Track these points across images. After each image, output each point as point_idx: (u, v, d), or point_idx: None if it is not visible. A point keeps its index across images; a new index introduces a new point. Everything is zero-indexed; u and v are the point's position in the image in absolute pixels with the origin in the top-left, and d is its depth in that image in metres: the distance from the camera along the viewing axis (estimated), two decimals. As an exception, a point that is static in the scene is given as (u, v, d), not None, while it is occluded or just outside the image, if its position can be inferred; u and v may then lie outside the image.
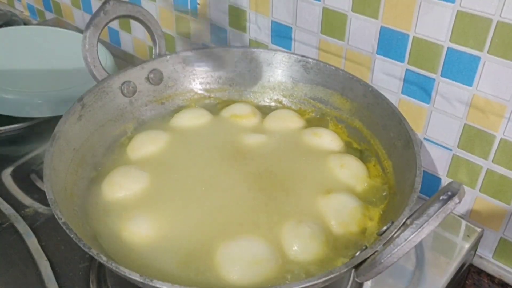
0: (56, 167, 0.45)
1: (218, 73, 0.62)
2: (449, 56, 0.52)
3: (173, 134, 0.56)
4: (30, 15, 1.09)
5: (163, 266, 0.42)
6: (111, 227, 0.46)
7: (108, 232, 0.45)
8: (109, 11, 0.52)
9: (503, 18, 0.47)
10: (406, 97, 0.57)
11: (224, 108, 0.61)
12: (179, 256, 0.43)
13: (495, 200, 0.55)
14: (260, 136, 0.56)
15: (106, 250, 0.43)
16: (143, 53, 0.88)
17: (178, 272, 0.42)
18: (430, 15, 0.51)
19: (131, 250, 0.44)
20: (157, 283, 0.35)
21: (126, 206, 0.47)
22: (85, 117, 0.51)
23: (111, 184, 0.49)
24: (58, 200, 0.41)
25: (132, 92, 0.57)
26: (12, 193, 0.57)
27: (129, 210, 0.47)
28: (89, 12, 0.94)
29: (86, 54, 0.52)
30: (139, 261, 0.43)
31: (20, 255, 0.50)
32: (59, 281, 0.47)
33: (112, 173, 0.50)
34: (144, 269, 0.42)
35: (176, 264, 0.42)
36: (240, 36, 0.71)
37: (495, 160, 0.53)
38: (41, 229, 0.53)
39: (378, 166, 0.52)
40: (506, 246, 0.57)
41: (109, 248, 0.44)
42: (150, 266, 0.42)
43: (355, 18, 0.57)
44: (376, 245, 0.37)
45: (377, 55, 0.58)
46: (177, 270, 0.42)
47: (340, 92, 0.58)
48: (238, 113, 0.59)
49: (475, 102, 0.52)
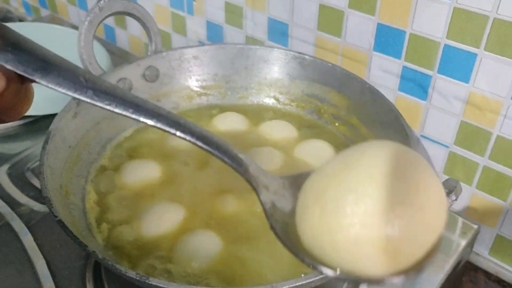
0: (52, 165, 0.45)
1: (214, 70, 0.62)
2: (446, 53, 0.52)
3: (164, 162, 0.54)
4: (25, 12, 1.09)
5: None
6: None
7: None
8: (105, 7, 0.52)
9: (499, 15, 0.47)
10: (403, 94, 0.57)
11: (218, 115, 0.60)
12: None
13: (491, 197, 0.55)
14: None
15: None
16: (139, 50, 0.88)
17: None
18: (427, 12, 0.51)
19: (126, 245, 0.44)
20: (153, 281, 0.35)
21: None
22: (81, 114, 0.51)
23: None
24: (53, 198, 0.41)
25: (127, 89, 0.57)
26: (7, 191, 0.57)
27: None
28: (84, 9, 0.94)
29: (81, 51, 0.51)
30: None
31: (16, 253, 0.50)
32: (55, 279, 0.47)
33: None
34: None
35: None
36: (236, 33, 0.71)
37: (492, 157, 0.53)
38: (37, 227, 0.52)
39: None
40: (503, 243, 0.57)
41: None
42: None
43: (352, 15, 0.57)
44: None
45: (374, 52, 0.57)
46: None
47: (337, 89, 0.57)
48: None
49: (471, 99, 0.52)
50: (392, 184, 0.29)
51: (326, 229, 0.30)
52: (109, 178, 0.51)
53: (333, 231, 0.29)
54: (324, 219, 0.30)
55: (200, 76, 0.62)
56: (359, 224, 0.29)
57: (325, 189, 0.30)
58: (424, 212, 0.29)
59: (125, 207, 0.48)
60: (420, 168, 0.31)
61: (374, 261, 0.29)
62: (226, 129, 0.58)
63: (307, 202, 0.31)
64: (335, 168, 0.31)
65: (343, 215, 0.29)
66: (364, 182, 0.29)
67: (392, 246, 0.29)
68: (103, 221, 0.46)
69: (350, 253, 0.29)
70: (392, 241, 0.28)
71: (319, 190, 0.31)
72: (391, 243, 0.29)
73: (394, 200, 0.29)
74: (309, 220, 0.31)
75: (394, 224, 0.28)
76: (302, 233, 0.32)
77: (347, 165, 0.31)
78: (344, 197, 0.29)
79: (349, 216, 0.29)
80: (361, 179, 0.30)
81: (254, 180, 0.33)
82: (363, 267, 0.30)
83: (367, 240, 0.29)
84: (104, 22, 0.58)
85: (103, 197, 0.49)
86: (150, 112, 0.31)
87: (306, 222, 0.31)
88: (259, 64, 0.61)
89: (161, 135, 0.56)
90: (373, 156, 0.31)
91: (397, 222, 0.28)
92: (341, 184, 0.30)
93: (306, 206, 0.31)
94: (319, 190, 0.31)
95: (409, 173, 0.30)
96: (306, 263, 0.31)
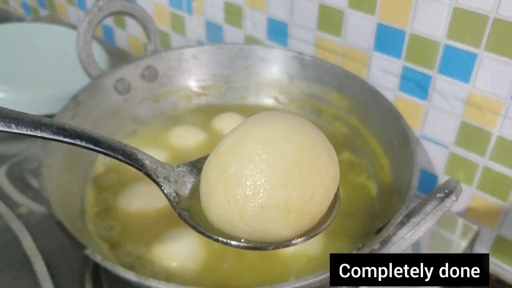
0: (51, 165, 0.45)
1: (214, 70, 0.61)
2: (446, 53, 0.52)
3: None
4: (24, 12, 1.09)
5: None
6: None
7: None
8: (104, 7, 0.52)
9: (499, 15, 0.47)
10: (403, 94, 0.57)
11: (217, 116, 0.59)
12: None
13: (491, 197, 0.55)
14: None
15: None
16: (138, 50, 0.88)
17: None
18: (427, 12, 0.51)
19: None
20: (152, 282, 0.35)
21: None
22: (79, 115, 0.51)
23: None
24: (52, 198, 0.41)
25: (126, 90, 0.57)
26: (6, 192, 0.57)
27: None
28: (83, 9, 0.93)
29: (80, 51, 0.51)
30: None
31: (15, 254, 0.50)
32: (54, 280, 0.47)
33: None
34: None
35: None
36: (235, 33, 0.71)
37: (492, 157, 0.53)
38: (36, 228, 0.52)
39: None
40: (503, 243, 0.57)
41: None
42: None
43: (351, 15, 0.57)
44: (372, 243, 0.36)
45: (374, 52, 0.57)
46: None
47: (337, 89, 0.57)
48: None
49: (471, 99, 0.52)
50: (283, 147, 0.31)
51: (233, 203, 0.31)
52: (108, 178, 0.51)
53: (239, 203, 0.31)
54: (228, 194, 0.31)
55: (199, 76, 0.61)
56: (262, 191, 0.30)
57: (224, 166, 0.32)
58: (318, 167, 0.32)
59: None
60: (306, 129, 0.33)
61: (282, 222, 0.31)
62: (225, 129, 0.58)
63: (210, 183, 0.32)
64: (230, 143, 0.32)
65: (245, 185, 0.31)
66: (258, 151, 0.31)
67: (295, 204, 0.31)
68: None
69: (259, 220, 0.31)
70: (294, 199, 0.31)
71: (219, 168, 0.32)
72: (294, 201, 0.31)
73: (288, 161, 0.31)
74: (214, 199, 0.32)
75: (292, 183, 0.31)
76: (210, 213, 0.33)
77: (241, 138, 0.32)
78: (243, 168, 0.31)
79: (252, 186, 0.30)
80: (255, 149, 0.31)
81: (154, 173, 0.34)
82: (274, 232, 0.32)
83: (273, 204, 0.31)
84: (103, 22, 0.58)
85: (102, 198, 0.49)
86: (32, 124, 0.30)
87: (212, 201, 0.32)
88: (259, 64, 0.61)
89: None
90: (262, 125, 0.32)
91: (295, 181, 0.31)
92: (238, 157, 0.31)
93: (210, 186, 0.32)
94: (219, 168, 0.32)
95: (297, 134, 0.32)
96: (214, 239, 0.33)
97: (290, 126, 0.32)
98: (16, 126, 0.29)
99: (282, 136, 0.31)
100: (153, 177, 0.34)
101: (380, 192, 0.50)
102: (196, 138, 0.56)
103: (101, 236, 0.45)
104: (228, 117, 0.59)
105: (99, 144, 0.32)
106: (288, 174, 0.31)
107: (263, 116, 0.34)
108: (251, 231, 0.32)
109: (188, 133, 0.57)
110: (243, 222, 0.31)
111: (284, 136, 0.31)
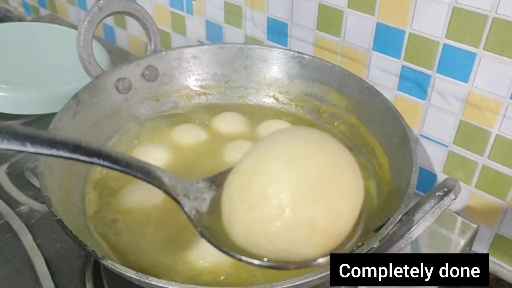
0: (51, 164, 0.45)
1: (214, 69, 0.62)
2: (445, 52, 0.52)
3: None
4: (25, 12, 1.09)
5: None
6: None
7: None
8: (104, 7, 0.52)
9: (498, 15, 0.47)
10: (402, 94, 0.57)
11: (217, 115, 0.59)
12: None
13: (490, 196, 0.55)
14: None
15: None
16: (139, 49, 0.88)
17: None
18: (426, 12, 0.51)
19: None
20: (152, 281, 0.35)
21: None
22: (80, 114, 0.51)
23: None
24: (53, 197, 0.41)
25: (127, 89, 0.57)
26: (6, 190, 0.57)
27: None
28: (83, 9, 0.94)
29: (81, 50, 0.51)
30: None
31: (15, 253, 0.50)
32: (55, 279, 0.47)
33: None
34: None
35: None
36: (235, 33, 0.71)
37: (491, 156, 0.53)
38: (36, 226, 0.52)
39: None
40: (502, 242, 0.57)
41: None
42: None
43: (351, 14, 0.57)
44: (372, 242, 0.37)
45: (373, 52, 0.57)
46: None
47: (336, 88, 0.57)
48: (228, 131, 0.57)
49: (471, 99, 0.52)
50: (307, 165, 0.30)
51: (258, 223, 0.30)
52: (109, 177, 0.51)
53: (265, 223, 0.30)
54: (253, 214, 0.30)
55: (199, 75, 0.62)
56: (288, 210, 0.30)
57: (248, 184, 0.31)
58: (342, 185, 0.31)
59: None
60: (329, 145, 0.32)
61: (308, 242, 0.30)
62: (225, 128, 0.58)
63: (233, 201, 0.32)
64: (252, 162, 0.32)
65: (270, 205, 0.30)
66: (282, 169, 0.30)
67: (320, 224, 0.30)
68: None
69: (285, 240, 0.30)
70: (320, 218, 0.30)
71: (242, 186, 0.31)
72: (319, 221, 0.30)
73: (312, 179, 0.30)
74: (238, 218, 0.31)
75: (317, 202, 0.30)
76: (233, 232, 0.32)
77: (263, 156, 0.31)
78: (267, 187, 0.30)
79: (277, 205, 0.30)
80: (279, 167, 0.30)
81: (173, 191, 0.33)
82: (299, 251, 0.31)
83: (299, 223, 0.30)
84: (104, 22, 0.58)
85: (102, 197, 0.49)
86: (48, 142, 0.28)
87: (236, 220, 0.32)
88: (259, 63, 0.61)
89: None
90: (284, 142, 0.32)
91: (320, 200, 0.30)
92: (261, 176, 0.31)
93: (233, 205, 0.32)
94: (242, 186, 0.31)
95: (320, 151, 0.31)
96: (237, 258, 0.32)
97: (311, 143, 0.32)
98: (32, 145, 0.28)
99: (303, 153, 0.31)
100: (173, 195, 0.33)
101: (380, 191, 0.50)
102: (196, 137, 0.57)
103: (102, 234, 0.45)
104: (228, 116, 0.59)
105: (117, 163, 0.31)
106: (312, 193, 0.30)
107: (284, 133, 0.33)
108: (276, 250, 0.31)
109: (188, 132, 0.57)
110: (268, 241, 0.30)
111: (306, 152, 0.31)
